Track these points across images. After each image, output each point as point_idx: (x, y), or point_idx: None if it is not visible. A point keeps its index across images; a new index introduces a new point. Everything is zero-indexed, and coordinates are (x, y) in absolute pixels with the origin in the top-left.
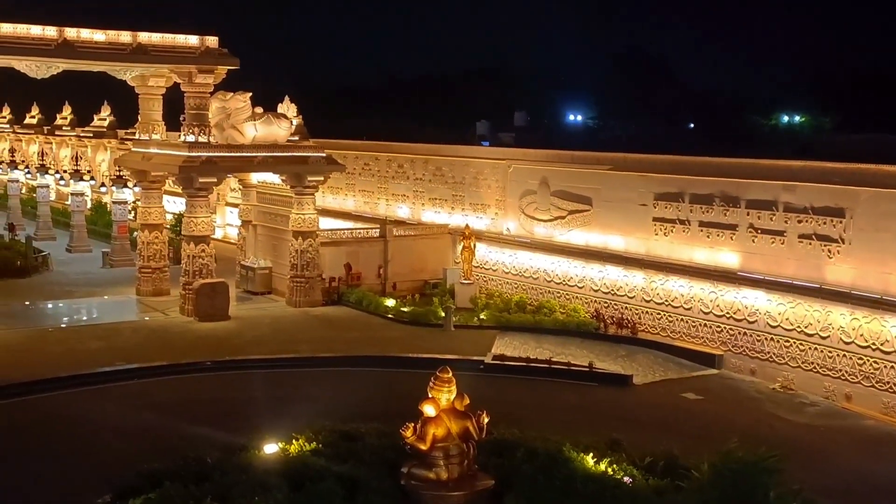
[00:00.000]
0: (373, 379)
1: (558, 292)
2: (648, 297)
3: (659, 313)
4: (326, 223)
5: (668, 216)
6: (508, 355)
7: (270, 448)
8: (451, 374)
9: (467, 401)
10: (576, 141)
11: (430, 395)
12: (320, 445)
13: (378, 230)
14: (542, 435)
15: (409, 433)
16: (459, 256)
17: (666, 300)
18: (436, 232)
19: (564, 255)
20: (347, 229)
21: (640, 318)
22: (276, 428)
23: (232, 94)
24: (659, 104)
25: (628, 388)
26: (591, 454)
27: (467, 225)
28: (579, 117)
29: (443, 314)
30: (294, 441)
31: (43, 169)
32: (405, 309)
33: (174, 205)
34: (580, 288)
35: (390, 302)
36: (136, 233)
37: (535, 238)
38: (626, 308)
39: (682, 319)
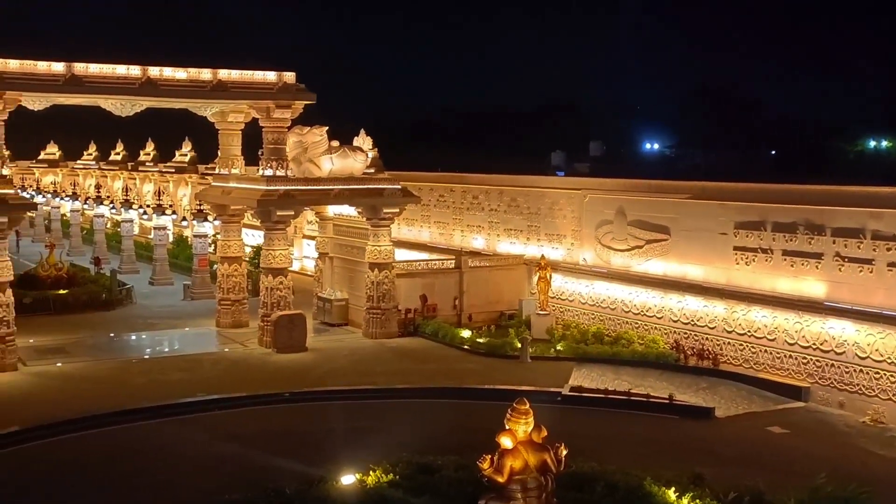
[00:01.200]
0: (449, 410)
1: (636, 323)
2: (730, 328)
3: (741, 344)
4: (402, 255)
5: (750, 245)
6: (586, 387)
7: (348, 479)
8: (528, 406)
9: (545, 433)
10: (652, 170)
11: (507, 427)
12: (397, 477)
13: (453, 261)
14: (622, 468)
15: (486, 465)
16: (535, 287)
17: (748, 331)
18: (511, 263)
19: (642, 285)
20: (423, 261)
21: (721, 349)
22: (354, 459)
23: (309, 128)
24: (739, 132)
25: (710, 421)
26: (673, 488)
27: (543, 255)
28: (656, 146)
29: (519, 345)
30: (371, 473)
31: (127, 204)
32: (481, 340)
33: (253, 238)
34: (659, 318)
35: (466, 333)
36: (216, 265)
37: (611, 268)
38: (707, 339)
39: (765, 351)
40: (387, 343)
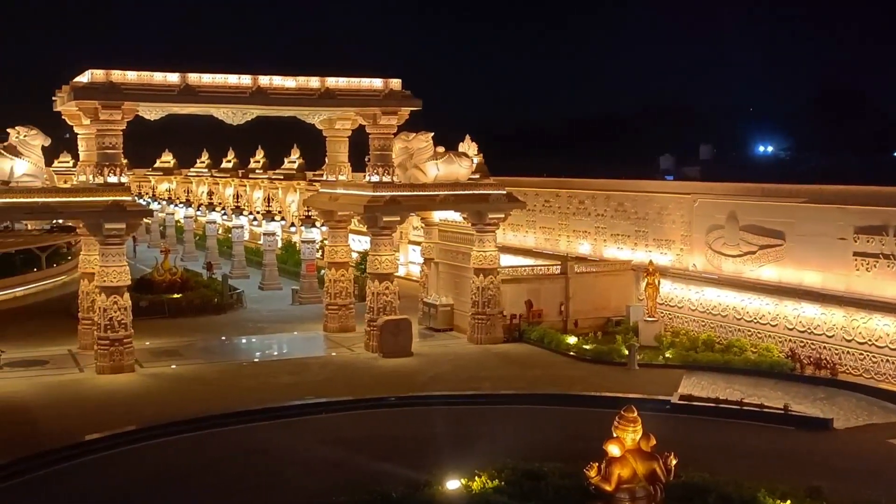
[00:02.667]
0: (554, 417)
1: (749, 330)
2: (849, 337)
3: (862, 354)
4: (507, 260)
5: (871, 250)
6: (696, 395)
7: (453, 484)
8: (636, 414)
9: (654, 441)
10: (766, 173)
11: (614, 435)
12: (503, 483)
13: (559, 267)
14: (735, 479)
15: (593, 473)
16: (643, 293)
17: (869, 340)
18: (618, 268)
19: (755, 291)
20: (528, 266)
21: (840, 358)
22: (458, 464)
23: (414, 134)
24: (858, 135)
25: (828, 433)
26: (789, 502)
27: (651, 261)
28: (770, 149)
29: (626, 352)
30: (476, 478)
31: (238, 210)
32: (587, 346)
33: (359, 243)
34: (773, 326)
35: (572, 339)
36: (323, 271)
37: (722, 274)
38: (825, 348)
39: (888, 360)
40: (492, 348)
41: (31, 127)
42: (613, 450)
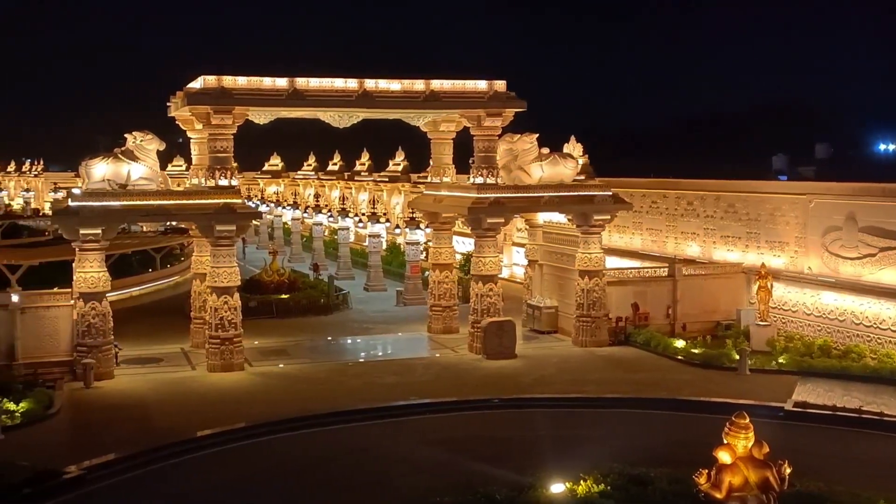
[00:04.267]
0: (661, 422)
1: (868, 336)
2: None
3: None
4: (613, 262)
5: None
6: (811, 402)
7: (557, 488)
8: (748, 420)
9: (766, 449)
10: (888, 173)
11: (725, 442)
12: (609, 488)
13: (666, 269)
14: (852, 490)
15: (703, 480)
16: (754, 297)
17: None
18: (729, 271)
19: (875, 295)
20: (634, 268)
21: None
22: (563, 468)
23: (519, 135)
24: None
25: None
26: None
27: (763, 264)
28: (891, 147)
29: (737, 357)
30: (582, 482)
31: (343, 212)
32: (696, 350)
33: (463, 245)
34: (894, 332)
35: (680, 343)
36: (427, 272)
37: (840, 277)
38: None
39: None
40: (597, 351)
41: (146, 132)
42: (724, 457)
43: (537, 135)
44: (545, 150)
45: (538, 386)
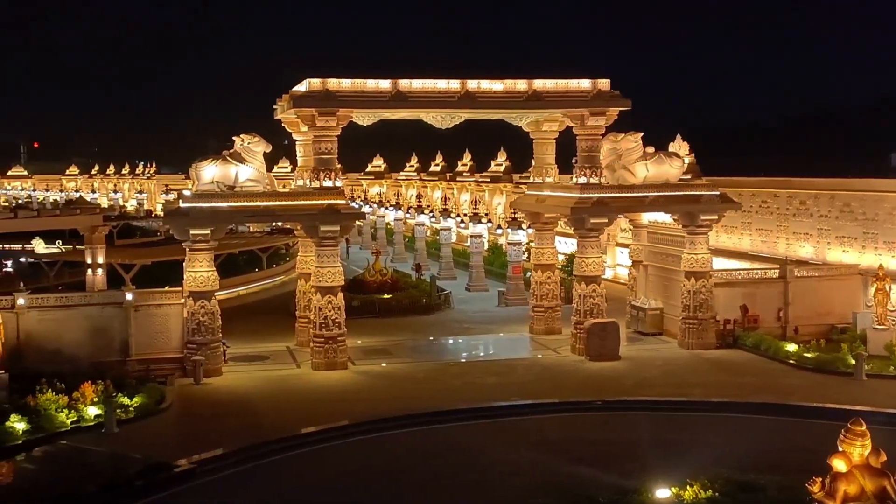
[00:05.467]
0: (770, 428)
1: None
2: None
3: None
4: (720, 263)
5: None
6: None
7: (663, 493)
8: (864, 427)
9: (884, 457)
10: None
11: (840, 449)
12: (716, 494)
13: (777, 271)
14: None
15: (816, 488)
16: (872, 299)
17: None
18: (843, 273)
19: None
20: (743, 269)
21: None
22: (667, 473)
23: (623, 134)
24: None
25: None
26: None
27: (881, 265)
28: None
29: (852, 361)
30: (688, 487)
31: (445, 213)
32: (808, 355)
33: (566, 245)
34: None
35: (791, 347)
36: (529, 273)
37: None
38: None
39: None
40: (703, 354)
41: (253, 134)
42: (839, 465)
43: (642, 134)
44: (650, 149)
45: (642, 388)
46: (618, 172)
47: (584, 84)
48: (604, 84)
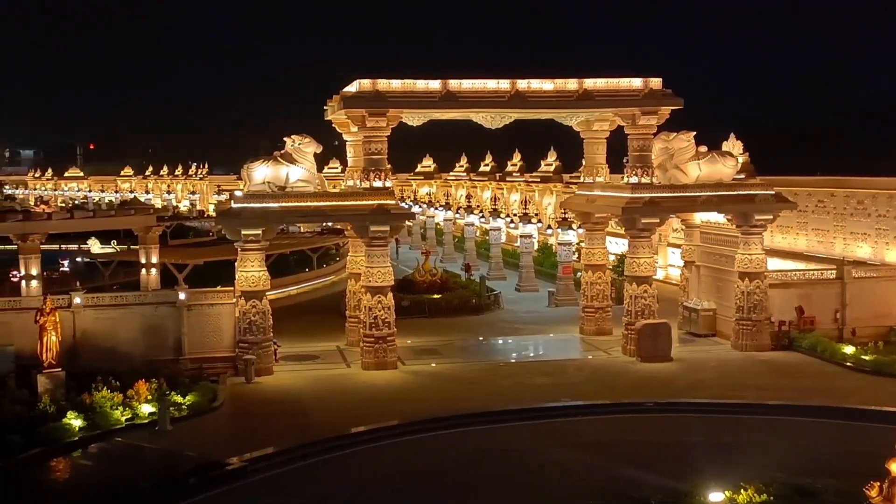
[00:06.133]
0: (826, 431)
1: None
2: None
3: None
4: (775, 264)
5: None
6: None
7: (716, 496)
8: None
9: None
10: None
11: None
12: (771, 498)
13: (834, 271)
14: None
15: (874, 493)
16: None
17: None
18: None
19: None
20: (799, 270)
21: None
22: (720, 476)
23: (675, 134)
24: None
25: None
26: None
27: None
28: None
29: None
30: (742, 491)
31: (495, 213)
32: (866, 357)
33: (617, 245)
34: None
35: (849, 349)
36: (579, 273)
37: None
38: None
39: None
40: (757, 356)
41: (304, 135)
42: None
43: (694, 133)
44: (703, 149)
45: (694, 390)
46: (670, 172)
47: (636, 83)
48: (656, 83)
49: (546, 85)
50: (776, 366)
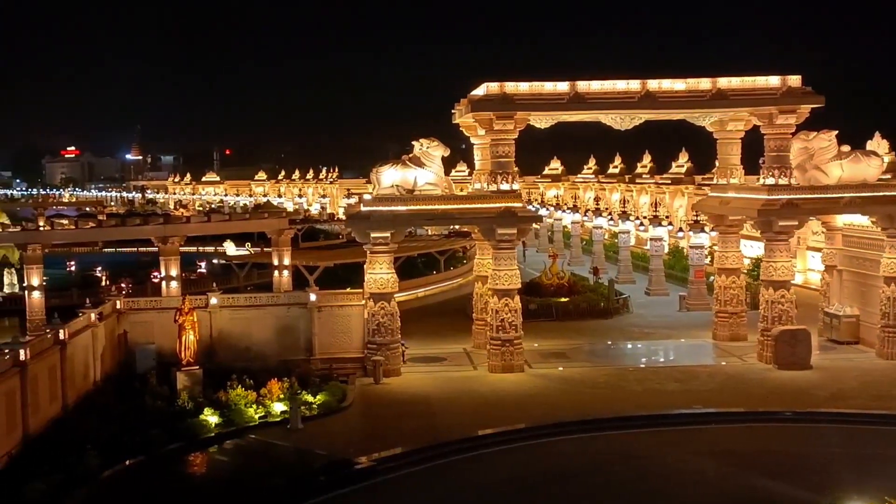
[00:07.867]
0: None
1: None
2: None
3: None
4: None
5: None
6: None
7: None
8: None
9: None
10: None
11: None
12: None
13: None
14: None
15: None
16: None
17: None
18: None
19: None
20: None
21: None
22: (863, 489)
23: (815, 133)
24: None
25: None
26: None
27: None
28: None
29: None
30: None
31: (624, 215)
32: None
33: (751, 249)
34: None
35: None
36: (712, 277)
37: None
38: None
39: None
40: None
41: (432, 139)
42: None
43: (836, 132)
44: (845, 148)
45: (835, 400)
46: (809, 173)
47: (773, 81)
48: (794, 80)
49: (678, 84)
50: None
